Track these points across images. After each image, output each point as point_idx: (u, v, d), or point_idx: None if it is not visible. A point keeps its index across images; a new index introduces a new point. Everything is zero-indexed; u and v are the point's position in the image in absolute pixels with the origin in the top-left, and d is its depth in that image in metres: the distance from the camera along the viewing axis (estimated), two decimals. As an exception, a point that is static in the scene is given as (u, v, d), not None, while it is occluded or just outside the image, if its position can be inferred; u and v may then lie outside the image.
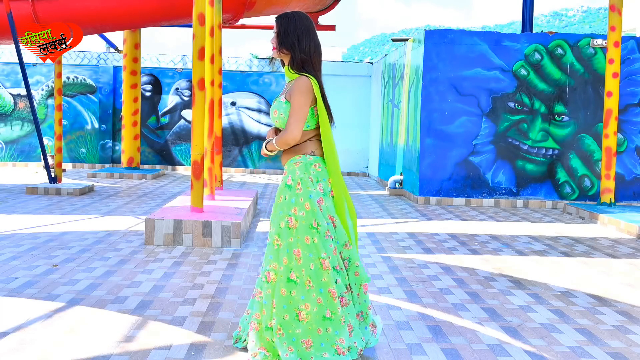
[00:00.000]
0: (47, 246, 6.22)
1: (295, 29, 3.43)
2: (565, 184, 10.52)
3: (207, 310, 4.26)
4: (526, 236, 7.65)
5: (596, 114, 10.49)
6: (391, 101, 12.96)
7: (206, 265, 5.60)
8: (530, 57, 10.41)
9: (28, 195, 10.10)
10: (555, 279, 5.50)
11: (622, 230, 8.07)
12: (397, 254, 6.32)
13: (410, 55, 11.37)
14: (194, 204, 6.90)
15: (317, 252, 3.32)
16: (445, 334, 3.92)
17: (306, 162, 3.46)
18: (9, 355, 3.39)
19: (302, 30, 3.44)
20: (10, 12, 9.70)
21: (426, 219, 8.80)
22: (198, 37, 6.96)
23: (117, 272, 5.27)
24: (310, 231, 3.34)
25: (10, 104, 15.89)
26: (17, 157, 15.89)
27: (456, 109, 10.41)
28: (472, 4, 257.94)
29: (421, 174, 10.41)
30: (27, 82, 10.05)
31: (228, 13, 10.99)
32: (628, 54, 10.46)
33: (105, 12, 10.63)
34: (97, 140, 15.97)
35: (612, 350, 3.74)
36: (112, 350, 3.49)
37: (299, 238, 3.35)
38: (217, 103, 8.86)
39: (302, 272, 3.32)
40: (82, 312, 4.15)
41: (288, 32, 3.44)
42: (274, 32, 3.51)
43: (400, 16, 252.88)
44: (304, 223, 3.35)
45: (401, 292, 4.90)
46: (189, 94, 15.97)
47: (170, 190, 11.45)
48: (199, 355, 3.46)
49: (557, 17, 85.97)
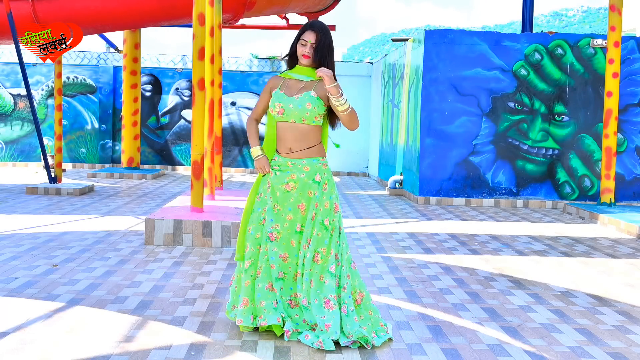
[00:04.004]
0: (47, 246, 6.22)
1: (330, 44, 3.80)
2: (565, 184, 10.52)
3: (207, 310, 4.26)
4: (526, 236, 7.65)
5: (596, 114, 10.49)
6: (391, 101, 12.96)
7: (206, 265, 5.60)
8: (530, 57, 10.41)
9: (28, 195, 10.10)
10: (555, 279, 5.50)
11: (622, 230, 8.07)
12: (397, 254, 6.32)
13: (410, 55, 11.37)
14: (194, 204, 6.91)
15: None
16: (445, 334, 3.92)
17: (328, 166, 3.87)
18: (9, 355, 3.39)
19: (332, 44, 3.81)
20: (10, 12, 9.70)
21: (426, 219, 8.80)
22: (198, 37, 6.96)
23: (117, 272, 5.27)
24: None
25: (10, 104, 15.90)
26: (17, 157, 15.89)
27: (456, 109, 10.41)
28: (472, 4, 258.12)
29: (421, 174, 10.41)
30: (27, 82, 10.05)
31: (228, 13, 10.99)
32: (628, 54, 10.46)
33: (105, 12, 10.63)
34: (97, 140, 15.97)
35: (612, 350, 3.74)
36: (112, 350, 3.49)
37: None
38: (217, 103, 8.86)
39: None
40: (82, 312, 4.15)
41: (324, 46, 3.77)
42: (311, 42, 3.75)
43: (400, 16, 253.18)
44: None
45: (401, 292, 4.90)
46: (189, 94, 15.97)
47: (170, 190, 11.45)
48: (199, 355, 3.46)
49: (557, 17, 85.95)
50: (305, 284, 3.69)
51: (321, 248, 3.71)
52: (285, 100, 3.80)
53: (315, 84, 3.81)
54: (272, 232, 3.77)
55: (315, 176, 3.79)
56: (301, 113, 3.77)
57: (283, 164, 3.83)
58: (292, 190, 3.80)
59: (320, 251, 3.71)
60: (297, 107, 3.77)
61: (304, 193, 3.79)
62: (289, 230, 3.78)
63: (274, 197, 3.81)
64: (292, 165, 3.81)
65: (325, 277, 3.69)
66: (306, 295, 3.69)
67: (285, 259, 3.77)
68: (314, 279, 3.70)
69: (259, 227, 3.80)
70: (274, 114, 3.84)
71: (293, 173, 3.80)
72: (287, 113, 3.79)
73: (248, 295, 3.75)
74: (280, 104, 3.80)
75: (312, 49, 3.77)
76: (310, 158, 3.81)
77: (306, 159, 3.80)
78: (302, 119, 3.79)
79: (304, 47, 3.79)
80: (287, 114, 3.80)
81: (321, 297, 3.67)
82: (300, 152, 3.81)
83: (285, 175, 3.81)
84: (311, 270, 3.70)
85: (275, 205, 3.81)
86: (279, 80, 3.90)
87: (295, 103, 3.78)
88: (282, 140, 3.85)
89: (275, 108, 3.81)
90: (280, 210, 3.80)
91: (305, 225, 3.75)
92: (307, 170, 3.79)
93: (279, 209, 3.80)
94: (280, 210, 3.80)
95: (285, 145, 3.84)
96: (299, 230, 3.77)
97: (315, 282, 3.69)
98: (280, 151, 3.86)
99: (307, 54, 3.78)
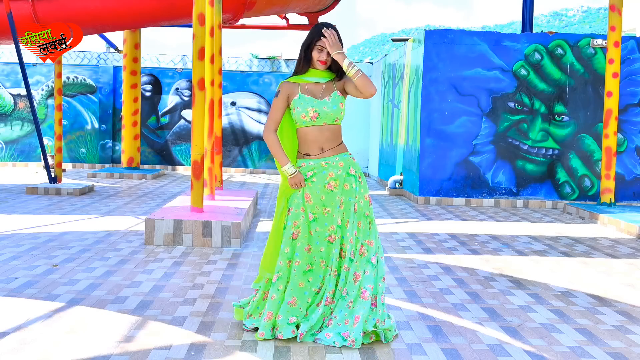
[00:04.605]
0: (47, 246, 6.22)
1: (342, 42, 3.83)
2: (565, 184, 10.52)
3: (207, 310, 4.26)
4: (526, 236, 7.65)
5: (596, 114, 10.49)
6: (391, 101, 12.96)
7: (206, 265, 5.60)
8: (530, 57, 10.41)
9: (28, 195, 10.10)
10: (555, 279, 5.50)
11: (622, 230, 8.08)
12: (397, 254, 6.32)
13: (410, 55, 11.37)
14: (194, 204, 6.90)
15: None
16: (445, 334, 3.92)
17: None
18: (9, 355, 3.39)
19: (342, 41, 3.86)
20: (10, 12, 9.70)
21: (426, 219, 8.80)
22: (198, 37, 6.96)
23: (117, 272, 5.27)
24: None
25: (10, 104, 15.90)
26: (17, 157, 15.89)
27: (456, 109, 10.41)
28: (472, 4, 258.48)
29: (421, 174, 10.41)
30: (27, 82, 10.05)
31: (228, 13, 10.99)
32: (628, 54, 10.46)
33: (105, 12, 10.63)
34: (97, 140, 15.97)
35: (612, 350, 3.74)
36: (112, 350, 3.49)
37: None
38: (217, 103, 8.86)
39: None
40: (82, 312, 4.15)
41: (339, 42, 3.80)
42: (332, 39, 3.74)
43: (400, 16, 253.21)
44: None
45: (401, 292, 4.90)
46: (189, 94, 15.97)
47: (170, 190, 11.45)
48: (199, 355, 3.46)
49: (557, 17, 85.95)
50: (350, 276, 3.74)
51: (365, 240, 3.79)
52: (318, 104, 3.81)
53: (333, 84, 3.89)
54: (330, 234, 3.81)
55: (349, 170, 3.86)
56: (336, 114, 3.84)
57: (317, 165, 3.84)
58: (334, 188, 3.83)
59: (365, 243, 3.79)
60: (332, 108, 3.82)
61: (342, 188, 3.84)
62: (341, 228, 3.81)
63: (320, 203, 3.82)
64: (326, 165, 3.84)
65: (367, 267, 3.76)
66: (348, 287, 3.73)
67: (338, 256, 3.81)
68: (360, 270, 3.75)
69: (288, 241, 3.80)
70: (306, 119, 3.81)
71: (331, 171, 3.83)
72: (322, 116, 3.82)
73: (273, 309, 3.75)
74: (314, 108, 3.80)
75: (328, 55, 3.80)
76: (341, 154, 3.88)
77: (338, 155, 3.87)
78: (334, 120, 3.86)
79: (321, 54, 3.81)
80: (321, 117, 3.82)
81: (358, 288, 3.73)
82: (332, 149, 3.86)
83: (324, 176, 3.82)
84: (357, 263, 3.76)
85: (324, 209, 3.82)
86: (294, 85, 3.87)
87: (329, 105, 3.82)
88: (312, 143, 3.85)
89: (309, 113, 3.80)
90: (330, 211, 3.82)
91: (350, 217, 3.79)
92: (341, 165, 3.85)
93: (329, 211, 3.83)
94: (329, 211, 3.83)
95: (316, 147, 3.85)
96: (339, 224, 3.81)
97: (361, 274, 3.75)
98: (311, 153, 3.85)
99: (325, 61, 3.82)
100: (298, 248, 3.79)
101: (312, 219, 3.82)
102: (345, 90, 3.90)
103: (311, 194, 3.82)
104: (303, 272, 3.79)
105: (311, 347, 3.62)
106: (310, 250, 3.81)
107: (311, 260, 3.81)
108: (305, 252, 3.80)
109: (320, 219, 3.82)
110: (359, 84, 3.75)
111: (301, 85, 3.86)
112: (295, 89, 3.85)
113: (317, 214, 3.82)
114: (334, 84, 3.89)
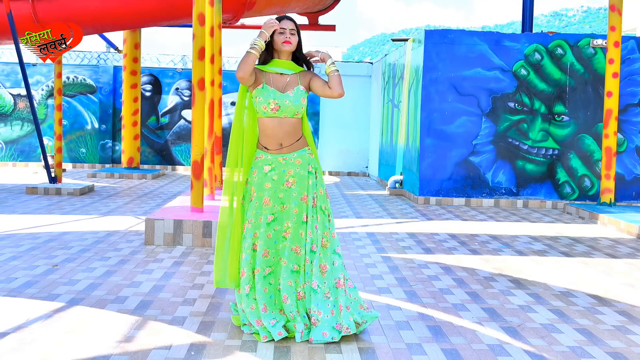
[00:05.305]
0: (47, 246, 6.22)
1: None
2: (565, 184, 10.52)
3: (207, 310, 4.26)
4: (526, 236, 7.65)
5: (596, 114, 10.48)
6: (391, 101, 12.96)
7: (206, 265, 5.60)
8: (530, 57, 10.41)
9: (28, 195, 10.10)
10: (555, 279, 5.50)
11: (622, 230, 8.07)
12: (397, 254, 6.32)
13: (410, 55, 11.37)
14: (194, 204, 6.91)
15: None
16: (445, 334, 3.92)
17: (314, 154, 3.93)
18: (9, 355, 3.39)
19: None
20: (10, 12, 9.70)
21: (426, 219, 8.80)
22: (198, 37, 6.96)
23: (117, 272, 5.27)
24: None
25: (10, 104, 15.89)
26: (17, 157, 15.89)
27: (456, 109, 10.41)
28: (472, 4, 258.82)
29: (421, 174, 10.41)
30: (27, 82, 10.04)
31: (228, 13, 10.99)
32: (628, 54, 10.46)
33: (105, 12, 10.63)
34: (97, 140, 15.97)
35: (612, 350, 3.74)
36: (112, 350, 3.49)
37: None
38: (217, 103, 8.86)
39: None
40: (82, 312, 4.16)
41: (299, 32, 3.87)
42: (290, 29, 3.80)
43: (400, 16, 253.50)
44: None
45: (401, 292, 4.90)
46: (189, 94, 15.97)
47: (170, 190, 11.45)
48: (199, 355, 3.46)
49: (557, 17, 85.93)
50: (315, 269, 3.73)
51: (325, 232, 3.81)
52: (280, 97, 3.80)
53: (298, 77, 3.86)
54: (286, 230, 3.81)
55: (307, 167, 3.86)
56: (297, 108, 3.83)
57: (274, 160, 3.84)
58: (292, 185, 3.83)
59: (325, 235, 3.81)
60: (294, 102, 3.81)
61: (303, 184, 3.84)
62: (297, 224, 3.81)
63: (278, 201, 3.82)
64: (284, 162, 3.84)
65: (334, 258, 3.80)
66: (316, 279, 3.73)
67: (297, 251, 3.80)
68: (327, 262, 3.76)
69: (250, 252, 3.81)
70: (266, 110, 3.81)
71: (289, 169, 3.83)
72: (283, 109, 3.80)
73: (258, 317, 3.77)
74: (276, 100, 3.79)
75: (292, 34, 3.81)
76: (298, 150, 3.87)
77: (296, 152, 3.86)
78: (295, 114, 3.84)
79: (283, 35, 3.79)
80: (282, 110, 3.81)
81: (331, 278, 3.75)
82: (290, 146, 3.84)
83: (283, 174, 3.83)
84: (321, 255, 3.76)
85: (282, 207, 3.83)
86: (260, 72, 3.85)
87: (291, 99, 3.80)
88: (271, 137, 3.84)
89: (270, 105, 3.79)
90: (288, 207, 3.83)
91: (309, 212, 3.80)
92: (299, 162, 3.84)
93: (286, 207, 3.83)
94: (287, 207, 3.83)
95: (275, 142, 3.84)
96: (305, 220, 3.80)
97: (329, 266, 3.77)
98: (270, 147, 3.85)
99: (289, 40, 3.80)
100: (257, 256, 3.79)
101: (271, 220, 3.81)
102: (310, 87, 3.89)
103: (270, 197, 3.82)
104: (263, 277, 3.78)
105: (311, 347, 3.62)
106: (268, 253, 3.80)
107: (269, 263, 3.81)
108: (263, 257, 3.79)
109: (279, 218, 3.83)
110: (334, 80, 3.81)
111: (266, 75, 3.85)
112: (260, 77, 3.84)
113: (276, 213, 3.83)
114: (299, 78, 3.86)
